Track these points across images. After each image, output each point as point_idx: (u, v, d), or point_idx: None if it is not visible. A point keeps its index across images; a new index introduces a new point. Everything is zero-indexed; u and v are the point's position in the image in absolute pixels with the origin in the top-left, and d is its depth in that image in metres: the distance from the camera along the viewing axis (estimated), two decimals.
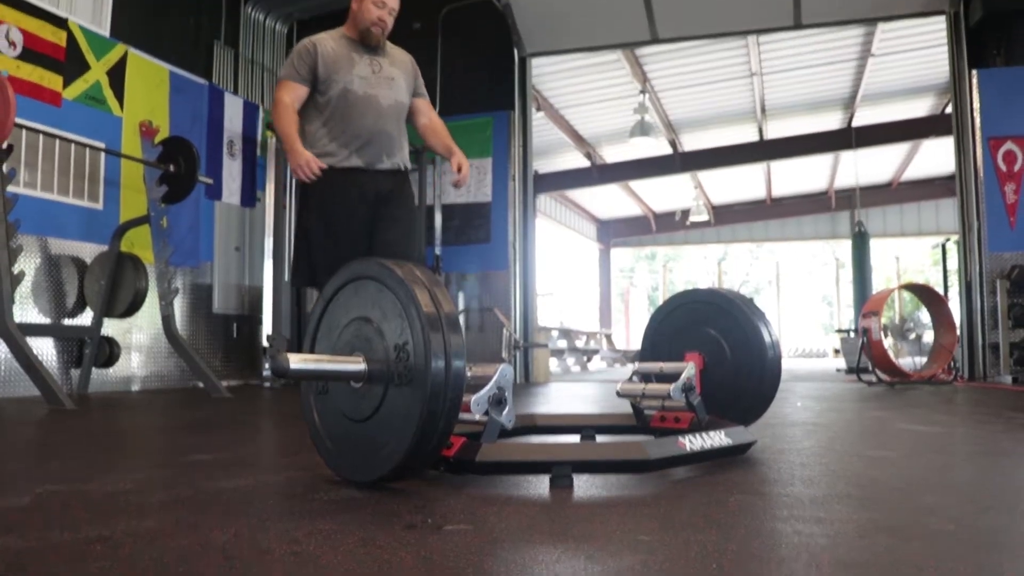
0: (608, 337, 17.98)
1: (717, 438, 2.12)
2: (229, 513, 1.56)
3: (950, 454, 2.45)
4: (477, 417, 1.92)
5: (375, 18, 3.24)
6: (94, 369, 5.67)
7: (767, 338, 2.69)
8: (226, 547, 1.29)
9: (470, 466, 1.87)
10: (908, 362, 7.07)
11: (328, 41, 3.27)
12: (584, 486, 1.85)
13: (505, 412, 1.94)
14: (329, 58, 3.22)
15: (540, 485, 1.87)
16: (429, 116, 3.51)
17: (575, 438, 2.56)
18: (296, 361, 1.76)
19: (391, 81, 3.30)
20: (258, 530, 1.41)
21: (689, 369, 2.47)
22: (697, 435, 2.08)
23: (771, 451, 2.43)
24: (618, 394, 2.58)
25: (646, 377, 2.73)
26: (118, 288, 5.62)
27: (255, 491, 1.82)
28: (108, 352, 5.73)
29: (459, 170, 3.36)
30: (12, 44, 5.40)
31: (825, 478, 2.02)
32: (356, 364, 1.80)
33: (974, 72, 7.11)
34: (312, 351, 1.99)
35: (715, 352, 2.72)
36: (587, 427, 2.61)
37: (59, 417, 3.77)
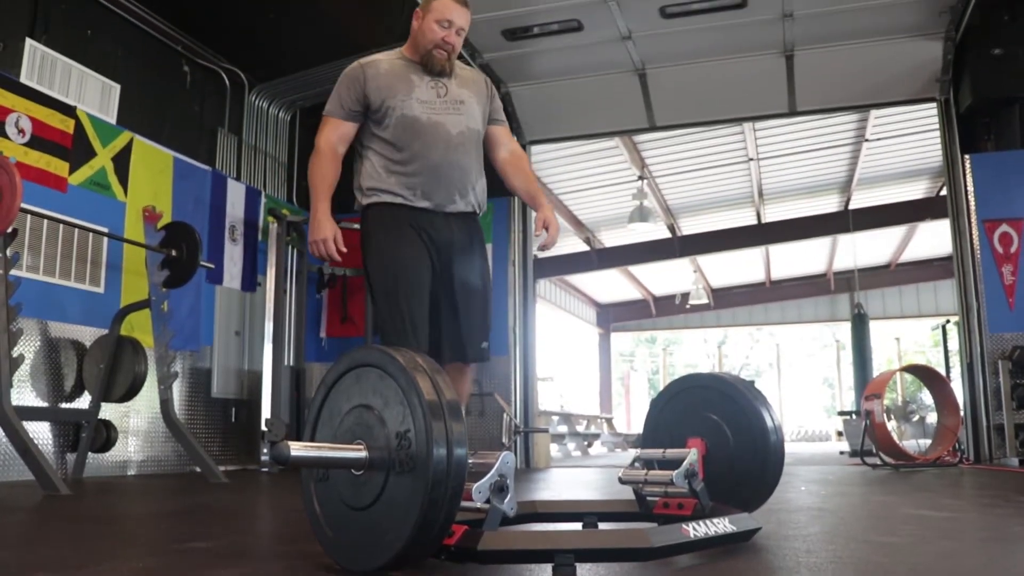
0: (609, 421, 17.87)
1: (721, 525, 2.09)
2: None
3: (959, 540, 2.41)
4: (479, 505, 1.90)
5: (438, 39, 2.83)
6: (90, 453, 5.61)
7: (770, 423, 2.67)
8: None
9: (472, 555, 1.84)
10: (912, 444, 7.00)
11: (381, 62, 2.87)
12: (587, 575, 1.82)
13: (507, 500, 1.92)
14: (382, 82, 2.80)
15: (543, 574, 1.83)
16: (510, 148, 3.04)
17: (577, 525, 2.52)
18: (297, 448, 1.75)
19: (460, 105, 2.86)
20: None
21: (691, 455, 2.45)
22: (701, 522, 2.05)
23: (776, 537, 2.39)
24: (620, 481, 2.55)
25: (648, 463, 2.71)
26: (117, 372, 5.60)
27: None
28: (105, 436, 5.68)
29: (546, 228, 2.87)
30: (21, 131, 5.50)
31: (831, 565, 1.99)
32: (357, 452, 1.79)
33: (967, 157, 7.23)
34: (313, 438, 1.98)
35: (718, 437, 2.70)
36: (589, 514, 2.58)
37: (54, 503, 3.71)
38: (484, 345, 2.90)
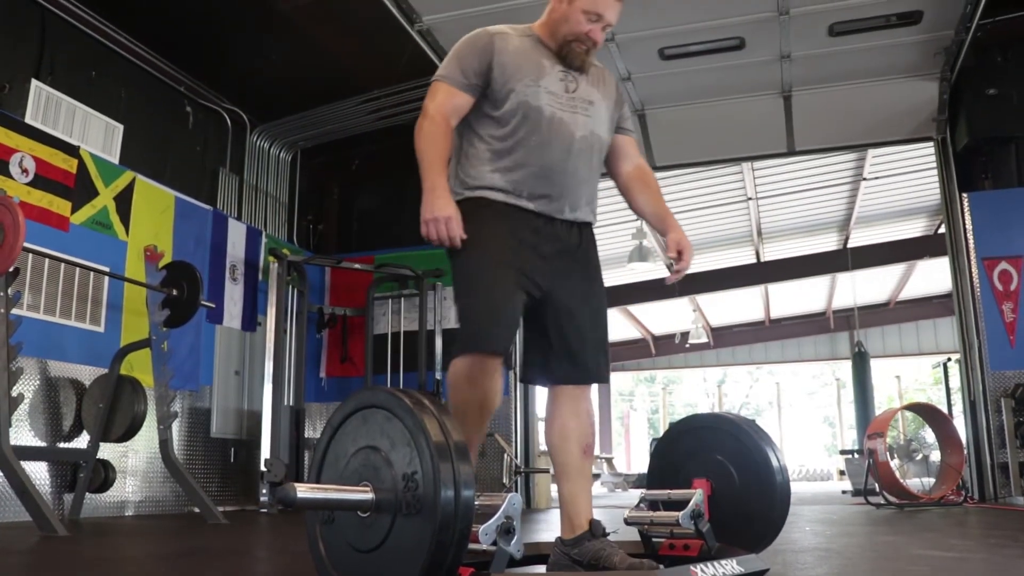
0: (609, 461, 17.76)
1: (729, 567, 2.07)
2: None
3: None
4: (485, 547, 1.88)
5: (582, 32, 2.43)
6: (88, 493, 5.57)
7: (775, 463, 2.66)
8: None
9: None
10: (916, 483, 6.96)
11: (511, 36, 2.47)
12: None
13: (514, 541, 1.91)
14: (509, 59, 2.42)
15: None
16: (636, 162, 2.66)
17: None
18: (303, 490, 1.73)
19: (589, 106, 2.48)
20: None
21: (697, 495, 2.43)
22: (709, 563, 2.04)
23: None
24: (626, 521, 2.53)
25: (653, 504, 2.69)
26: (116, 411, 5.57)
27: None
28: (103, 476, 5.64)
29: (679, 255, 2.51)
30: (25, 171, 5.53)
31: None
32: (364, 493, 1.78)
33: (965, 195, 7.27)
34: (319, 480, 1.96)
35: (723, 478, 2.69)
36: None
37: (51, 544, 3.68)
38: (603, 361, 2.52)
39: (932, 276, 15.59)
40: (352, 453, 1.88)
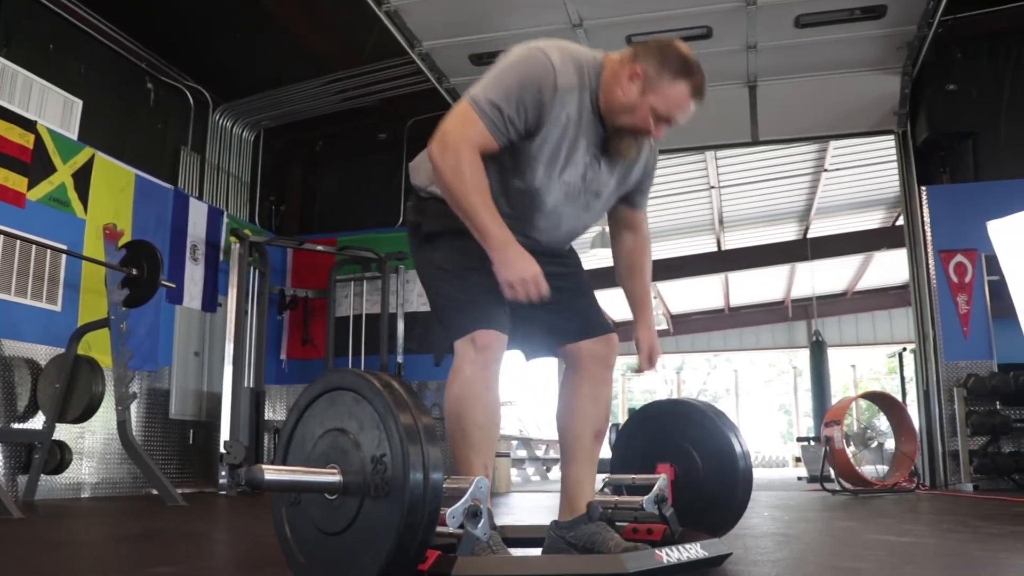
0: None
1: (694, 551, 2.10)
2: None
3: (925, 565, 2.44)
4: (452, 530, 1.88)
5: (644, 129, 2.19)
6: (43, 475, 5.48)
7: (739, 449, 2.69)
8: None
9: None
10: (870, 470, 7.09)
11: (572, 97, 2.14)
12: None
13: (480, 525, 1.91)
14: (554, 134, 2.15)
15: None
16: (638, 237, 2.58)
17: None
18: (271, 472, 1.72)
19: (594, 198, 2.33)
20: None
21: (661, 481, 2.46)
22: (674, 548, 2.06)
23: (745, 563, 2.40)
24: (589, 506, 2.54)
25: (618, 488, 2.72)
26: (72, 392, 5.48)
27: None
28: (59, 458, 5.55)
29: (649, 359, 2.59)
30: None
31: None
32: (331, 476, 1.76)
33: (923, 189, 7.39)
34: (284, 462, 1.94)
35: (687, 463, 2.72)
36: None
37: (7, 527, 3.62)
38: (603, 315, 2.51)
39: (889, 267, 15.83)
40: (319, 435, 1.87)
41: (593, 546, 2.28)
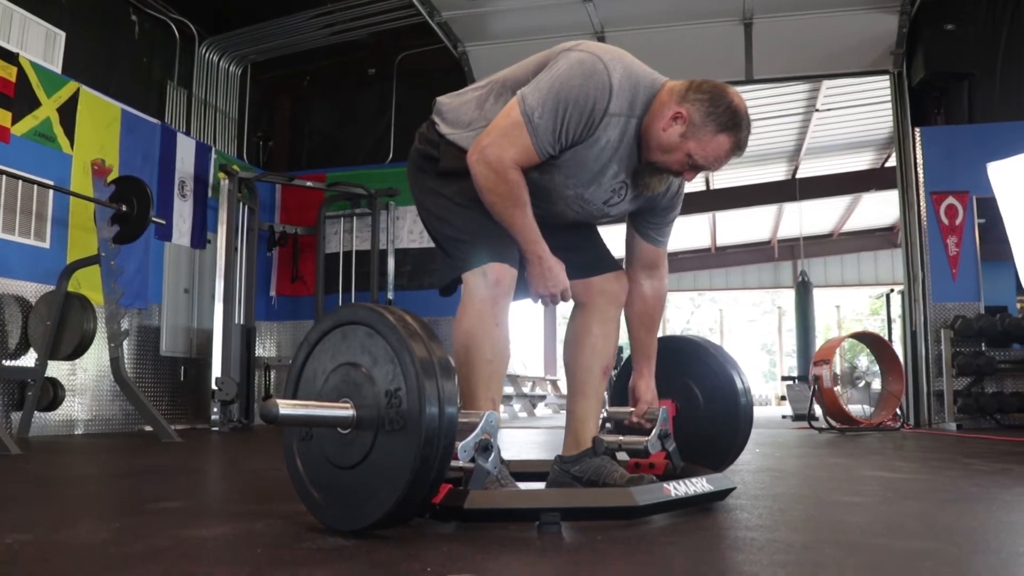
0: (554, 383, 17.97)
1: (700, 485, 2.12)
2: (220, 563, 1.51)
3: (921, 500, 2.48)
4: (462, 463, 1.90)
5: (677, 169, 2.14)
6: (36, 412, 5.48)
7: (740, 385, 2.71)
8: None
9: (458, 513, 1.84)
10: (857, 409, 7.19)
11: (619, 124, 2.09)
12: (568, 532, 1.83)
13: (491, 459, 1.93)
14: (592, 155, 2.12)
15: (526, 531, 1.84)
16: (656, 284, 2.49)
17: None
18: (286, 406, 1.72)
19: (607, 215, 2.33)
20: None
21: (662, 413, 2.48)
22: (681, 482, 2.08)
23: (746, 497, 2.44)
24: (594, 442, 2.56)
25: (618, 423, 2.73)
26: (64, 329, 5.45)
27: (238, 540, 1.76)
28: (52, 395, 5.55)
29: (643, 413, 2.52)
30: None
31: (808, 524, 2.03)
32: (345, 410, 1.77)
33: (917, 130, 7.37)
34: (294, 397, 1.94)
35: (688, 399, 2.73)
36: None
37: (6, 462, 3.63)
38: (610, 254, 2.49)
39: (876, 209, 15.87)
40: (331, 370, 1.86)
41: (598, 479, 2.31)
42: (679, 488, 2.05)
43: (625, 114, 2.09)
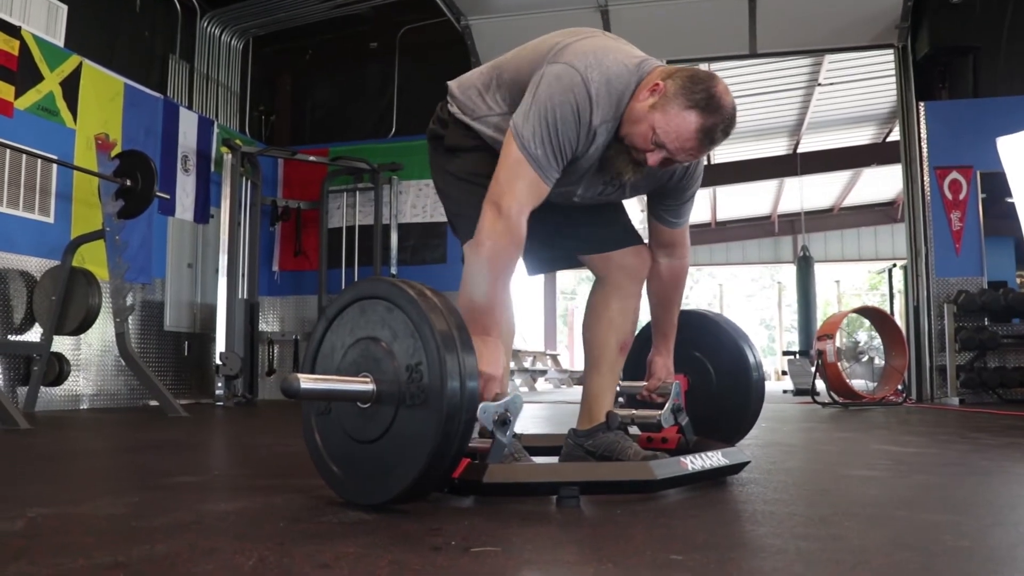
0: (554, 358, 18.02)
1: (716, 458, 2.13)
2: (243, 537, 1.52)
3: (934, 473, 2.50)
4: (476, 439, 1.89)
5: (640, 144, 2.03)
6: (42, 387, 5.49)
7: (752, 360, 2.71)
8: (255, 574, 1.25)
9: (478, 487, 1.85)
10: (860, 384, 7.22)
11: (604, 130, 2.05)
12: (587, 506, 1.84)
13: (508, 432, 1.93)
14: (584, 163, 2.12)
15: (544, 505, 1.85)
16: (671, 263, 2.48)
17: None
18: (307, 381, 1.73)
19: (603, 198, 2.32)
20: (282, 555, 1.37)
21: (675, 387, 2.48)
22: (698, 456, 2.09)
23: (759, 471, 2.45)
24: (608, 416, 2.57)
25: (631, 396, 2.74)
26: (69, 304, 5.45)
27: (259, 514, 1.77)
28: (58, 369, 5.56)
29: (656, 388, 2.52)
30: None
31: (824, 498, 2.05)
32: (365, 384, 1.77)
33: (921, 104, 7.34)
34: (312, 371, 1.95)
35: (701, 374, 2.74)
36: None
37: (15, 437, 3.64)
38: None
39: (876, 184, 15.83)
40: (350, 345, 1.86)
41: (612, 454, 2.32)
42: (696, 462, 2.06)
43: (611, 118, 2.05)
